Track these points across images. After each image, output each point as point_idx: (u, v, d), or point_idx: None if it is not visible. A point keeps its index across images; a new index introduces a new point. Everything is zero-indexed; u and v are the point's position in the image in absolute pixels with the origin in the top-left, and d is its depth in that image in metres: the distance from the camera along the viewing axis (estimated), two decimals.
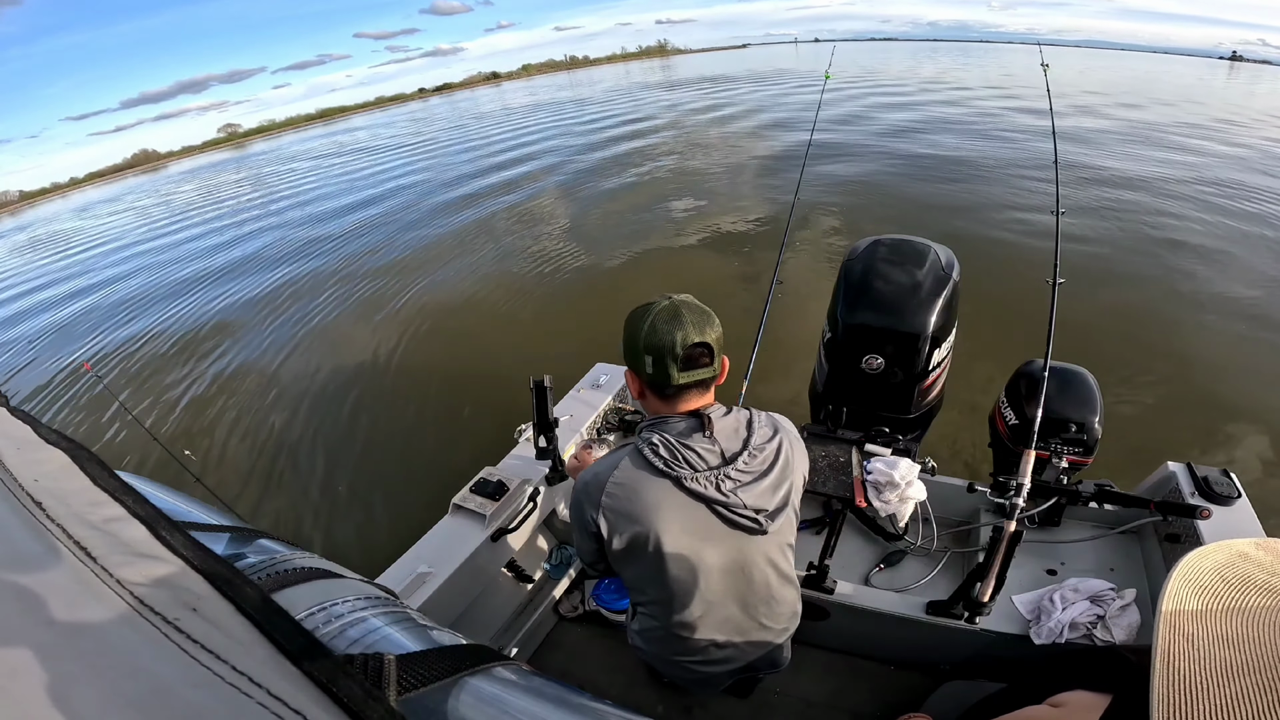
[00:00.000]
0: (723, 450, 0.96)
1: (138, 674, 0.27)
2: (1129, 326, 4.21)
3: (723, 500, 0.95)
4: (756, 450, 0.98)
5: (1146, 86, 20.66)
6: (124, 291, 8.92)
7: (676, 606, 1.03)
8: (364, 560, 2.40)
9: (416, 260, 7.29)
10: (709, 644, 1.07)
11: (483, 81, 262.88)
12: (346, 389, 4.58)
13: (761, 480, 0.98)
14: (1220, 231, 5.88)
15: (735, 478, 0.95)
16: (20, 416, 0.46)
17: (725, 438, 0.97)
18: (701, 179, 9.18)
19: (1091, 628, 1.39)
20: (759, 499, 0.97)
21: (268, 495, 3.62)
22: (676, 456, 0.94)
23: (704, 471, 0.94)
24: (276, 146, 45.60)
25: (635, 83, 37.98)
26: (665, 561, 0.97)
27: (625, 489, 0.96)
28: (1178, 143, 10.01)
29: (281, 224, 11.35)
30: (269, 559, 0.52)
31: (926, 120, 12.83)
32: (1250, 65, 52.82)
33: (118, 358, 6.11)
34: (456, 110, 41.78)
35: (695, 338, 0.91)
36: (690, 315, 0.92)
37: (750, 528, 0.98)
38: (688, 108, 19.29)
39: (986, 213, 6.57)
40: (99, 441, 4.42)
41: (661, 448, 0.95)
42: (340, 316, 6.02)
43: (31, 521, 0.35)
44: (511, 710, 0.41)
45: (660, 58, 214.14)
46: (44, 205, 57.84)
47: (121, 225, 17.64)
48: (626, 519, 0.96)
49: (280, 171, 21.76)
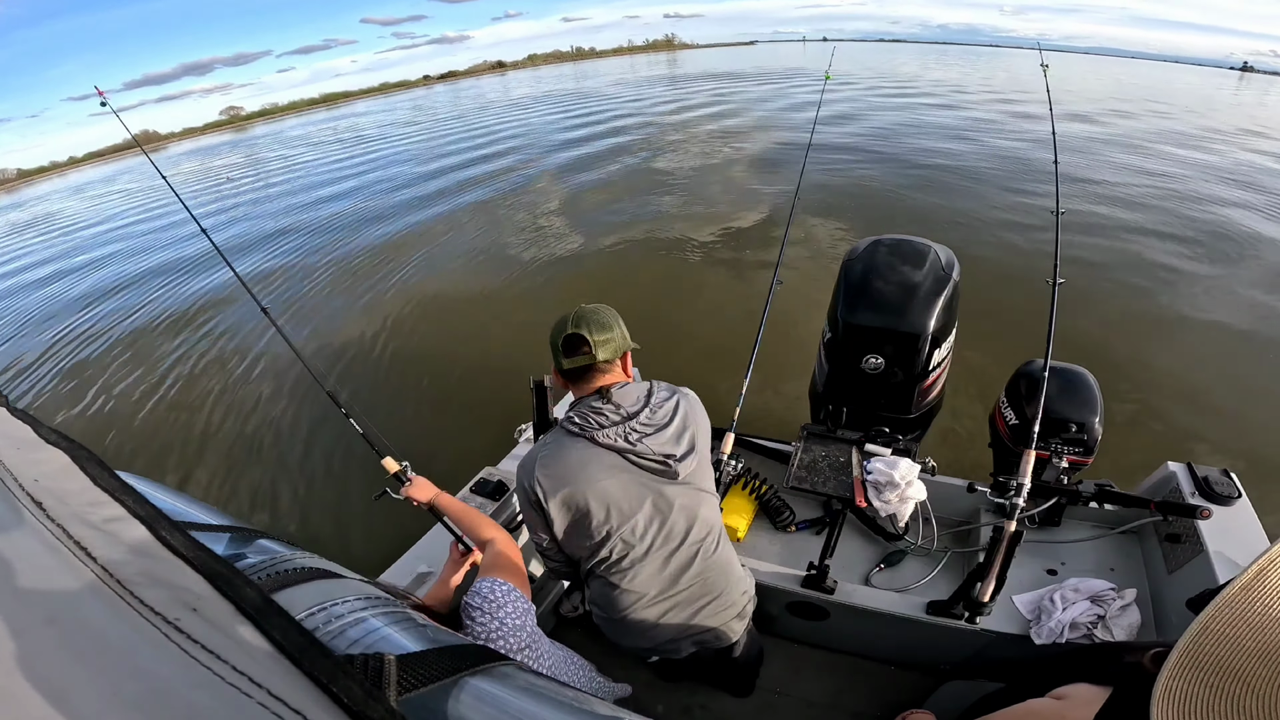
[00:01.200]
0: (626, 411, 1.15)
1: (138, 674, 0.27)
2: (1130, 326, 4.21)
3: (630, 448, 1.12)
4: (655, 408, 1.17)
5: (1152, 94, 20.57)
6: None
7: (614, 563, 1.16)
8: (364, 560, 2.41)
9: (418, 258, 7.30)
10: (649, 602, 1.18)
11: (488, 70, 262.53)
12: (343, 387, 4.58)
13: (663, 431, 1.15)
14: (1222, 231, 5.89)
15: (639, 430, 1.14)
16: (20, 416, 0.46)
17: (627, 403, 1.16)
18: (702, 179, 9.18)
19: (1092, 628, 1.39)
20: (664, 446, 1.14)
21: (267, 493, 3.62)
22: (587, 420, 1.14)
23: (610, 427, 1.13)
24: (278, 129, 45.61)
25: (641, 77, 37.91)
26: (595, 514, 1.12)
27: (553, 455, 1.14)
28: (1166, 151, 10.02)
29: (253, 215, 11.32)
30: (269, 559, 0.52)
31: (928, 120, 12.84)
32: (1262, 76, 52.70)
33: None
34: (460, 98, 41.64)
35: (571, 330, 1.12)
36: (576, 314, 1.14)
37: (659, 469, 1.14)
38: (691, 104, 19.30)
39: (986, 213, 6.57)
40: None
41: (576, 417, 1.15)
42: (339, 315, 6.02)
43: (31, 521, 0.35)
44: (511, 710, 0.41)
45: (667, 51, 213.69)
46: (41, 184, 57.96)
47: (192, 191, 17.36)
48: (559, 480, 1.12)
49: (274, 157, 21.75)
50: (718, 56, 70.06)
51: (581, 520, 1.14)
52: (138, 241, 11.56)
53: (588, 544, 1.16)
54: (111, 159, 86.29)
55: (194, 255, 8.79)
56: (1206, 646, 0.46)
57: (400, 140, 20.73)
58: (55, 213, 20.68)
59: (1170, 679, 0.45)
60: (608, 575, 1.18)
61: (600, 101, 23.82)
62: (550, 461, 1.14)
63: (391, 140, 21.22)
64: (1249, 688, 0.43)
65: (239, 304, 6.43)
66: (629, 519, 1.14)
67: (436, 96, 54.29)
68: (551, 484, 1.12)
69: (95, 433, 4.54)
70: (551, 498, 1.12)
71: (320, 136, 28.84)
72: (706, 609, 1.22)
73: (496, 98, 36.56)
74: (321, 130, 33.07)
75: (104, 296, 8.00)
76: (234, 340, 5.75)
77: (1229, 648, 0.45)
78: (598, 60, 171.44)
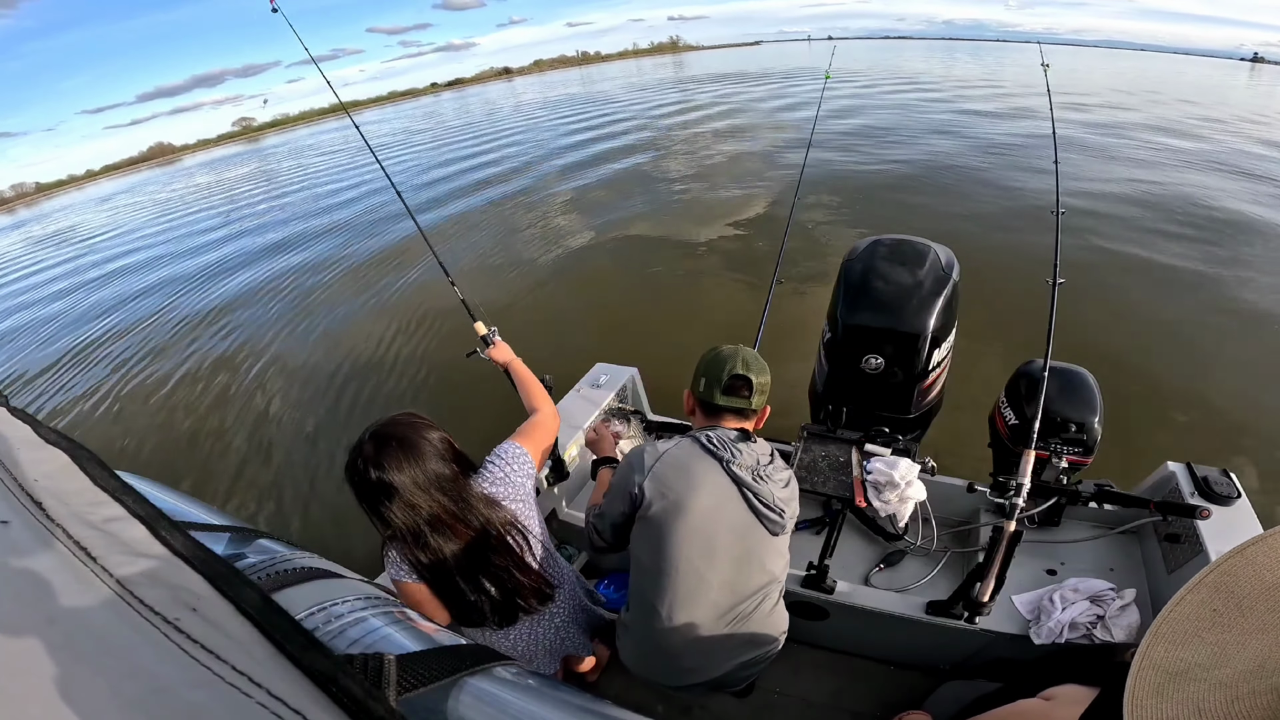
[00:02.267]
0: (758, 458, 1.17)
1: (138, 674, 0.27)
2: (1131, 326, 4.21)
3: (753, 487, 1.13)
4: (778, 468, 1.20)
5: (1160, 86, 20.38)
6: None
7: (672, 582, 1.12)
8: (364, 560, 2.41)
9: (415, 256, 7.31)
10: (686, 631, 1.14)
11: (495, 77, 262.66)
12: (342, 387, 4.58)
13: (784, 487, 1.18)
14: (1223, 232, 5.88)
15: (767, 475, 1.15)
16: (20, 416, 0.47)
17: (762, 452, 1.20)
18: (701, 179, 9.18)
19: (1091, 628, 1.39)
20: (782, 500, 1.16)
21: (266, 492, 3.62)
22: (725, 446, 1.15)
23: (743, 461, 1.14)
24: (290, 139, 45.73)
25: (649, 79, 37.78)
26: (683, 532, 1.11)
27: (676, 460, 1.15)
28: (1161, 142, 10.01)
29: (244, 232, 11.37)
30: (269, 559, 0.52)
31: (928, 118, 12.83)
32: (1271, 67, 52.24)
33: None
34: (469, 105, 41.68)
35: (739, 371, 1.17)
36: (743, 356, 1.18)
37: (771, 519, 1.14)
38: (694, 104, 19.29)
39: (986, 212, 6.57)
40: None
41: (715, 438, 1.16)
42: (337, 311, 6.03)
43: (31, 521, 0.35)
44: (511, 710, 0.41)
45: (672, 54, 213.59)
46: (61, 196, 58.28)
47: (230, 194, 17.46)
48: (669, 485, 1.13)
49: (284, 169, 21.77)
50: (723, 58, 69.93)
51: (665, 533, 1.12)
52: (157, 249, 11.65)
53: (655, 559, 1.13)
54: (128, 170, 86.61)
55: (202, 265, 8.80)
56: (1168, 646, 0.46)
57: (407, 149, 20.68)
58: (75, 225, 20.73)
59: (1137, 680, 0.45)
60: (656, 598, 1.14)
61: (597, 106, 23.80)
62: (670, 464, 1.15)
63: (396, 150, 21.19)
64: (1214, 685, 0.43)
65: (252, 306, 6.46)
66: (711, 557, 1.12)
67: (469, 100, 54.11)
68: (660, 487, 1.13)
69: (106, 430, 4.57)
70: (655, 500, 1.12)
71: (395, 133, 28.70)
72: (738, 646, 1.19)
73: (505, 101, 36.46)
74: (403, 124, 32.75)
75: (125, 302, 8.06)
76: (244, 341, 5.78)
77: (1191, 650, 0.45)
78: (604, 64, 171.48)
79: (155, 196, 23.96)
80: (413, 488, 1.04)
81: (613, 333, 4.56)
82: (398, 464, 1.03)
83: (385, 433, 1.06)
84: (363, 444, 1.05)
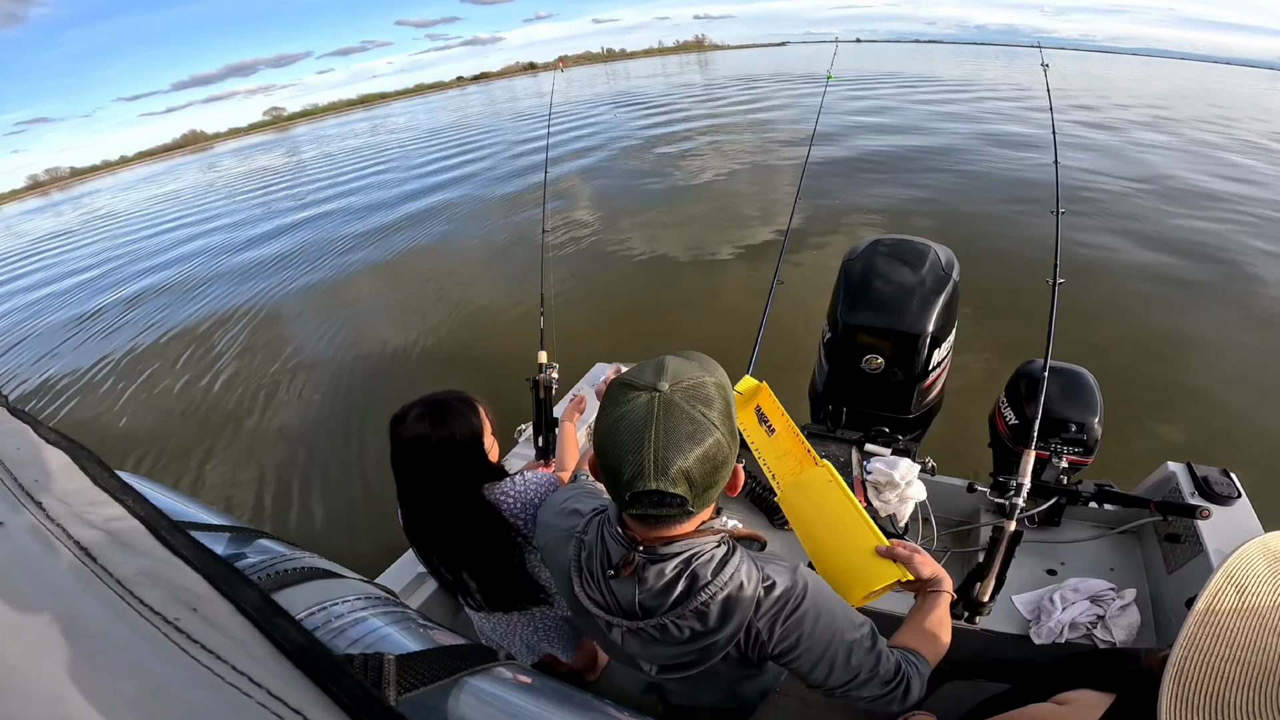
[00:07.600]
0: (636, 599, 0.73)
1: (138, 674, 0.27)
2: (1132, 326, 4.21)
3: (606, 623, 0.75)
4: (677, 620, 0.72)
5: (1193, 94, 19.93)
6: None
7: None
8: (364, 560, 2.40)
9: (414, 255, 7.32)
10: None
11: (520, 71, 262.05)
12: (342, 385, 4.59)
13: (659, 646, 0.75)
14: (1222, 234, 5.88)
15: (626, 626, 0.74)
16: (20, 416, 0.46)
17: (650, 586, 0.72)
18: (701, 179, 9.18)
19: (1091, 628, 1.39)
20: (647, 652, 0.77)
21: (264, 492, 3.62)
22: (592, 558, 0.76)
23: (596, 594, 0.75)
24: (318, 129, 45.73)
25: (671, 80, 37.55)
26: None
27: (553, 542, 0.86)
28: (1163, 144, 10.01)
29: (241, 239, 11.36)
30: (269, 559, 0.52)
31: (930, 121, 12.82)
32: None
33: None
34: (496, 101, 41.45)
35: (649, 484, 0.61)
36: (661, 433, 0.61)
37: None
38: (697, 104, 19.27)
39: (987, 212, 6.56)
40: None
41: (586, 542, 0.78)
42: (333, 310, 6.03)
43: (31, 521, 0.35)
44: (511, 710, 0.41)
45: (697, 53, 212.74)
46: (95, 180, 58.47)
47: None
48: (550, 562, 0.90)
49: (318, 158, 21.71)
50: (748, 58, 69.45)
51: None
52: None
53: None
54: (162, 157, 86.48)
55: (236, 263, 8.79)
56: (1205, 651, 0.46)
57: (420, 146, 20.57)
58: (112, 211, 20.58)
59: (1173, 683, 0.45)
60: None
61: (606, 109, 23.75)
62: (548, 545, 0.88)
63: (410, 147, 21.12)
64: (1254, 690, 0.43)
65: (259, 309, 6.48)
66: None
67: (495, 92, 53.70)
68: (546, 556, 0.92)
69: (113, 427, 4.60)
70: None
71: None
72: None
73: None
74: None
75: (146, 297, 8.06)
76: (249, 342, 5.80)
77: (1227, 653, 0.45)
78: (628, 61, 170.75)
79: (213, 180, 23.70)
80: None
81: (611, 332, 4.57)
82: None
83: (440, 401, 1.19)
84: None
